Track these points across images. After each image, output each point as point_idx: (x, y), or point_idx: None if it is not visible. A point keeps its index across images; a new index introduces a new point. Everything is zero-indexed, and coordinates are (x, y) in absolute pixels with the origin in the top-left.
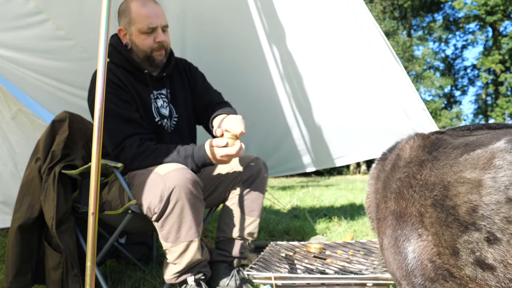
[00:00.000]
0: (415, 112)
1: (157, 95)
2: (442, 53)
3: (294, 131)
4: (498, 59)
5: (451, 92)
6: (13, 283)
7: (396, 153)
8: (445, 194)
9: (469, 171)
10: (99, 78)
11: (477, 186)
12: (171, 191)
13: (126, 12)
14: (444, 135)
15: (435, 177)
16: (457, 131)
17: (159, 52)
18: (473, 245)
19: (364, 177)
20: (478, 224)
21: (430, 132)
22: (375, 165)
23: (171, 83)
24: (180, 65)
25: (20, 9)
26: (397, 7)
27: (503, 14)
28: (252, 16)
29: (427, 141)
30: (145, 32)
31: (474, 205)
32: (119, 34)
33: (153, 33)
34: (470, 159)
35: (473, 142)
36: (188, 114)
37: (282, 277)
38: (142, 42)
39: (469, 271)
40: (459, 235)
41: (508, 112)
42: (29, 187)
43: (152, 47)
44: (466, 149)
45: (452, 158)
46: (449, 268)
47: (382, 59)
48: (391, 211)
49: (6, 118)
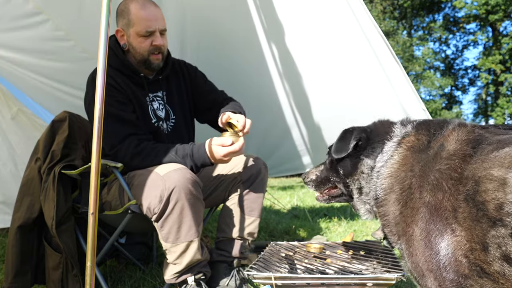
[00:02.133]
0: (415, 113)
1: (153, 97)
2: (442, 53)
3: (293, 131)
4: (498, 59)
5: (451, 92)
6: (13, 283)
7: (441, 142)
8: (476, 189)
9: (496, 168)
10: (99, 78)
11: (503, 184)
12: (171, 192)
13: (124, 13)
14: (485, 131)
15: (468, 172)
16: (498, 128)
17: (156, 56)
18: (500, 240)
19: None
20: (504, 220)
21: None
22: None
23: (168, 85)
24: (178, 67)
25: (20, 10)
26: (397, 7)
27: (504, 14)
28: (252, 16)
29: (471, 135)
30: (143, 35)
31: (500, 202)
32: (116, 35)
33: (151, 36)
34: (499, 156)
35: (506, 140)
36: (186, 115)
37: (282, 277)
38: (139, 45)
39: (497, 267)
40: (488, 230)
41: (508, 112)
42: (29, 187)
43: (149, 50)
44: (497, 146)
45: (484, 153)
46: (481, 264)
47: (382, 59)
48: (425, 202)
49: (6, 118)
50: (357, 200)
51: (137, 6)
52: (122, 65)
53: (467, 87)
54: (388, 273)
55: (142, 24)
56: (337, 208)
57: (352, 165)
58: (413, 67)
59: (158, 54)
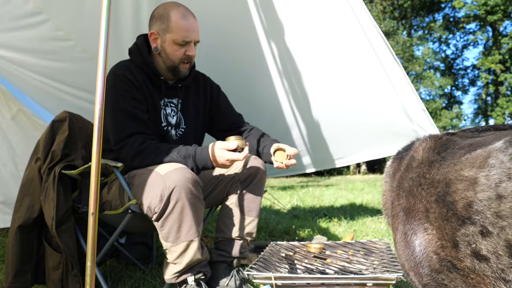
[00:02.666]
0: (414, 113)
1: (167, 102)
2: (442, 53)
3: (293, 131)
4: (498, 59)
5: (451, 92)
6: (13, 283)
7: (411, 154)
8: (446, 190)
9: (467, 169)
10: (99, 78)
11: (473, 184)
12: (172, 191)
13: (164, 18)
14: (454, 136)
15: (440, 175)
16: (466, 133)
17: (185, 65)
18: (469, 237)
19: (364, 177)
20: (473, 219)
21: (442, 133)
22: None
23: (186, 94)
24: (200, 79)
25: (20, 10)
26: (397, 7)
27: (503, 14)
28: (252, 16)
29: (438, 142)
30: (179, 44)
31: (469, 201)
32: (149, 37)
33: (186, 46)
34: (470, 158)
35: (477, 143)
36: (197, 127)
37: (282, 277)
38: (173, 52)
39: (468, 263)
40: (457, 228)
41: (508, 112)
42: (29, 187)
43: (181, 58)
44: (469, 149)
45: (456, 157)
46: (452, 260)
47: (382, 59)
48: (402, 207)
49: (6, 118)
50: None
51: (179, 14)
52: (145, 64)
53: (467, 87)
54: (388, 273)
55: (181, 33)
56: (337, 208)
57: None
58: (413, 67)
59: (187, 64)
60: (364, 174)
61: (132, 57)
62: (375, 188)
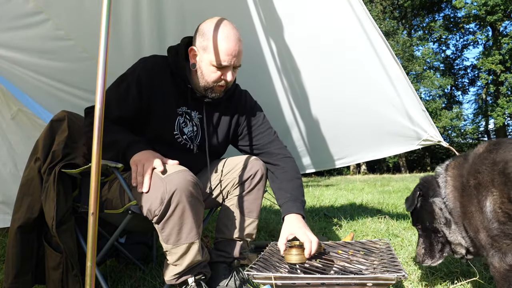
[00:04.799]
0: (414, 113)
1: (183, 112)
2: (442, 53)
3: (293, 131)
4: (498, 59)
5: (451, 92)
6: (14, 284)
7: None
8: (505, 166)
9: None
10: (99, 78)
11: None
12: (172, 194)
13: (206, 36)
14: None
15: (499, 158)
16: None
17: (221, 88)
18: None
19: (364, 177)
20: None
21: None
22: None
23: (212, 109)
24: (236, 94)
25: (20, 9)
26: (397, 7)
27: (503, 14)
28: (252, 16)
29: (491, 142)
30: (216, 67)
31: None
32: (189, 52)
33: (224, 69)
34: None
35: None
36: (219, 143)
37: (282, 277)
38: (209, 73)
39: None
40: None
41: (508, 112)
42: (29, 187)
43: (216, 81)
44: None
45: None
46: (509, 212)
47: (382, 59)
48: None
49: (6, 118)
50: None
51: (221, 36)
52: (176, 66)
53: (467, 87)
54: (388, 273)
55: (220, 56)
56: (337, 208)
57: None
58: (413, 67)
59: (223, 87)
60: (364, 174)
61: (169, 55)
62: (375, 188)
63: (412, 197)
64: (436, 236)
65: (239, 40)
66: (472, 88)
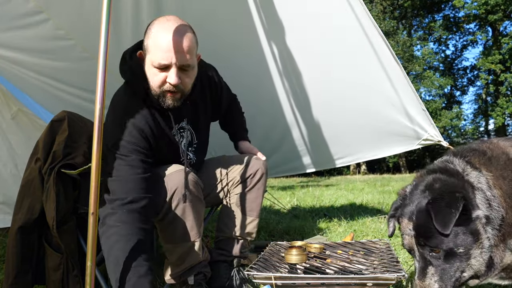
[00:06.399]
0: (414, 113)
1: (178, 129)
2: (442, 53)
3: (294, 131)
4: (498, 59)
5: (451, 92)
6: (14, 284)
7: (490, 148)
8: None
9: None
10: (99, 77)
11: None
12: (173, 193)
13: (147, 34)
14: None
15: None
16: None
17: (171, 95)
18: None
19: (364, 177)
20: None
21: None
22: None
23: (193, 110)
24: (205, 81)
25: (20, 9)
26: (397, 7)
27: (503, 13)
28: (253, 16)
29: (509, 138)
30: (157, 67)
31: None
32: (139, 56)
33: (165, 70)
34: None
35: None
36: (206, 131)
37: (282, 277)
38: (152, 77)
39: None
40: None
41: (508, 112)
42: (29, 188)
43: (161, 86)
44: None
45: None
46: None
47: (382, 59)
48: None
49: (6, 118)
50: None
51: (159, 29)
52: (146, 94)
53: (467, 87)
54: (388, 273)
55: (157, 53)
56: (337, 208)
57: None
58: (413, 67)
59: (176, 93)
60: (364, 174)
61: (132, 86)
62: (375, 188)
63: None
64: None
65: (183, 35)
66: (472, 88)
